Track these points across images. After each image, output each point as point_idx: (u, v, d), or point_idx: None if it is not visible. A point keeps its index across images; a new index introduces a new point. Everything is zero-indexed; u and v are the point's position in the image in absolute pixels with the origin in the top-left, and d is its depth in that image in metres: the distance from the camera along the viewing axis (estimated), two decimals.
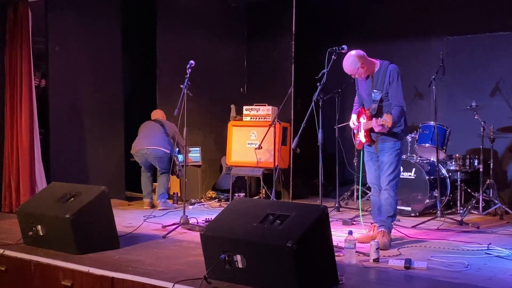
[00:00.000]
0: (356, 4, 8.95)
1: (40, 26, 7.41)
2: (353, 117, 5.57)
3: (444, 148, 7.16)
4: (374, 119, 5.09)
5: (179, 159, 7.64)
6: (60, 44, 7.48)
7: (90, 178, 7.60)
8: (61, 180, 5.87)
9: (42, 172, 7.22)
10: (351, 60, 5.21)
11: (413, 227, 6.19)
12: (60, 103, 7.55)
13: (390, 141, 5.25)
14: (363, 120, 5.37)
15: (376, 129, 5.11)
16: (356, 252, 4.65)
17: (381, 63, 5.28)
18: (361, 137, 5.41)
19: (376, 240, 4.77)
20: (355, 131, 5.62)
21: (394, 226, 5.80)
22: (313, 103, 5.28)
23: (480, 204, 6.99)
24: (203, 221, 6.23)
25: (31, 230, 5.00)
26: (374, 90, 5.22)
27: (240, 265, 3.80)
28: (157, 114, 7.89)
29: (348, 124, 7.82)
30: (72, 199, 5.00)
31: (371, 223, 5.60)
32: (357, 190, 8.13)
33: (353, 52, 5.25)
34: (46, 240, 4.95)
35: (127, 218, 6.64)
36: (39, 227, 4.97)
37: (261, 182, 7.83)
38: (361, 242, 5.22)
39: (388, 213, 5.25)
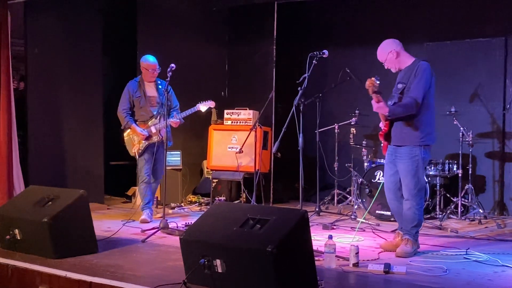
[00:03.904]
0: (337, 10, 8.99)
1: (19, 28, 7.35)
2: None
3: None
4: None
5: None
6: (39, 46, 7.42)
7: (69, 181, 7.53)
8: (39, 183, 5.81)
9: (20, 175, 7.15)
10: (384, 43, 5.16)
11: (393, 231, 6.20)
12: (38, 105, 7.49)
13: (406, 145, 5.04)
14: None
15: (374, 107, 4.89)
16: (336, 256, 4.65)
17: (416, 60, 5.15)
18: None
19: (356, 245, 4.77)
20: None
21: (373, 231, 5.82)
22: (294, 107, 5.28)
23: (459, 209, 7.04)
24: (183, 226, 6.20)
25: (9, 234, 4.94)
26: (400, 82, 5.13)
27: (219, 270, 3.78)
28: None
29: (330, 129, 7.92)
30: (50, 203, 4.95)
31: (395, 230, 5.47)
32: (338, 194, 8.16)
33: (390, 39, 5.19)
34: (24, 244, 4.89)
35: (105, 222, 6.58)
36: (16, 231, 4.91)
37: (242, 186, 7.82)
38: (384, 250, 5.19)
39: (412, 223, 5.09)
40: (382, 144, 5.38)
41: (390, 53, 5.13)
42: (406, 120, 4.99)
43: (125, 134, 6.85)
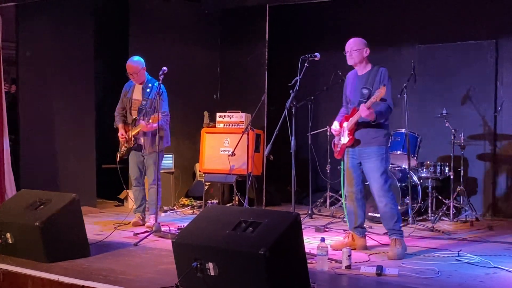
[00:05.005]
0: (329, 12, 9.00)
1: (10, 31, 7.33)
2: (335, 123, 5.54)
3: (416, 155, 7.23)
4: (362, 104, 5.09)
5: None
6: (31, 49, 7.40)
7: (61, 185, 7.51)
8: (31, 187, 5.79)
9: (12, 179, 7.12)
10: (361, 39, 5.47)
11: (385, 233, 6.21)
12: (30, 109, 7.47)
13: (374, 145, 5.25)
14: (346, 123, 5.37)
15: (364, 114, 5.05)
16: (329, 259, 4.66)
17: (376, 66, 5.41)
18: (344, 139, 5.38)
19: (348, 248, 4.78)
20: (335, 139, 5.57)
21: (366, 233, 5.82)
22: (286, 110, 5.29)
23: (451, 211, 7.06)
24: (175, 229, 6.19)
25: (0, 238, 4.92)
26: (364, 87, 5.27)
27: (212, 273, 3.78)
28: None
29: (322, 131, 7.93)
30: (42, 206, 4.93)
31: (344, 230, 5.62)
32: (330, 197, 8.17)
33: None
34: (16, 248, 4.88)
35: (98, 226, 6.57)
36: (8, 235, 4.89)
37: (234, 189, 7.81)
38: (335, 249, 5.24)
39: (392, 219, 5.23)
40: (338, 149, 5.50)
41: (365, 49, 5.42)
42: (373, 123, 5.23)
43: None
